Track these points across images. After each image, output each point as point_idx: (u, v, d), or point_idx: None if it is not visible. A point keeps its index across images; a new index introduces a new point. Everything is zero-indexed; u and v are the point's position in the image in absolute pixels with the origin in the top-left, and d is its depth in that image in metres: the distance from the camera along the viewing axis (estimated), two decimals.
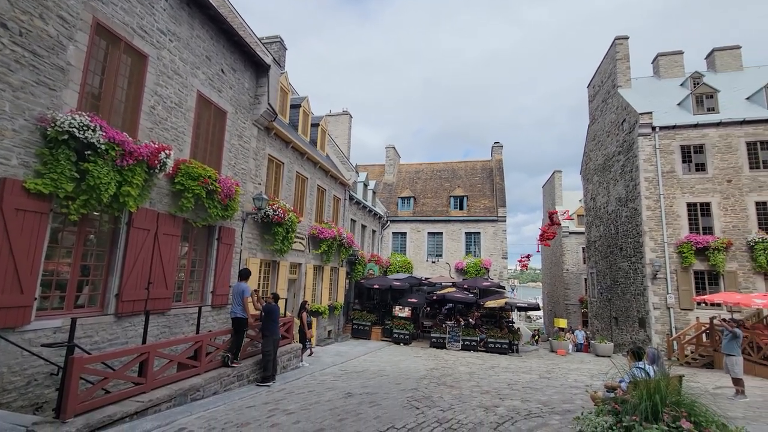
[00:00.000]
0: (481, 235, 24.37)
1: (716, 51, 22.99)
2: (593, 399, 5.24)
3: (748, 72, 21.56)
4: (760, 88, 18.29)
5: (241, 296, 7.52)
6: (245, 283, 7.82)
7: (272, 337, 7.90)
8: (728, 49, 22.77)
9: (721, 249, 16.46)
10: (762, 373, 11.53)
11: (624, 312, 20.42)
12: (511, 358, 14.79)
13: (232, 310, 7.66)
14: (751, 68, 21.97)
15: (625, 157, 20.34)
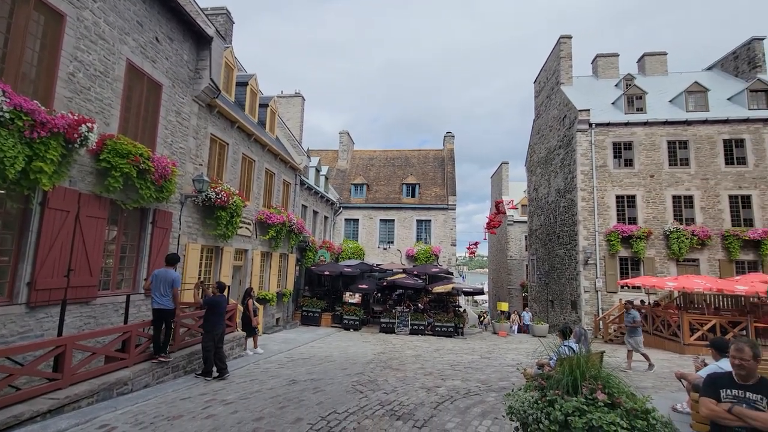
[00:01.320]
0: (431, 222, 24.93)
1: (646, 56, 24.96)
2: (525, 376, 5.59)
3: (672, 77, 23.67)
4: (681, 93, 20.17)
5: (171, 286, 6.64)
6: (174, 270, 6.87)
7: (213, 332, 7.10)
8: (656, 55, 24.80)
9: (642, 237, 18.19)
10: (671, 348, 12.99)
11: (559, 295, 22.01)
12: (456, 341, 15.41)
13: (154, 300, 6.65)
14: (675, 74, 24.13)
15: (564, 151, 21.65)
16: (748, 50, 22.05)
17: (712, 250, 17.97)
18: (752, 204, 18.07)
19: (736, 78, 22.28)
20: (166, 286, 6.66)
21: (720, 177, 18.47)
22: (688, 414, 4.52)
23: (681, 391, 5.85)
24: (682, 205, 18.61)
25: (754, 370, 2.84)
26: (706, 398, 2.87)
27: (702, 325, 12.64)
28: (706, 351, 11.21)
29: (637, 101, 20.23)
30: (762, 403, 2.66)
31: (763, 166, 18.25)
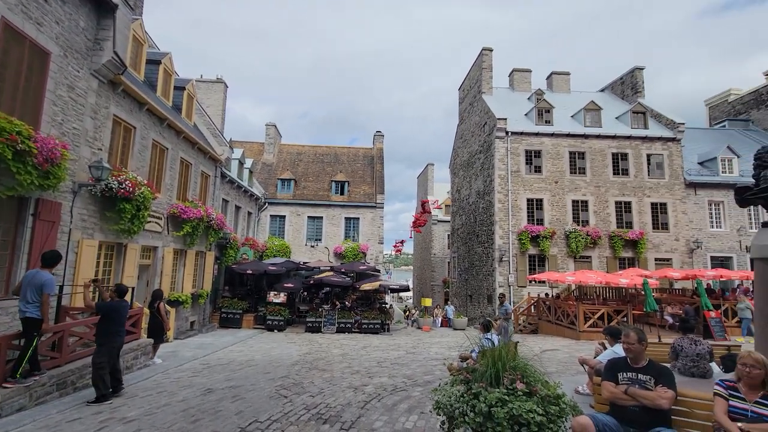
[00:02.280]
0: (360, 220, 24.97)
1: (554, 74, 27.82)
2: (450, 370, 5.81)
3: (574, 95, 26.70)
4: (580, 110, 22.84)
5: (40, 291, 5.44)
6: (48, 272, 5.72)
7: (109, 345, 5.98)
8: (562, 74, 27.78)
9: (547, 237, 20.25)
10: (569, 335, 14.62)
11: (477, 290, 23.57)
12: (382, 337, 15.62)
13: (19, 309, 5.50)
14: (576, 92, 27.26)
15: (484, 156, 23.20)
16: (632, 77, 25.78)
17: (602, 248, 20.68)
18: (632, 209, 21.16)
19: (623, 100, 25.89)
20: (34, 292, 5.44)
21: (609, 185, 21.31)
22: (588, 395, 5.09)
23: (581, 374, 6.58)
24: (580, 209, 21.11)
25: (641, 353, 3.25)
26: (606, 382, 3.22)
27: (593, 314, 14.43)
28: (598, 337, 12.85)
29: (546, 114, 22.44)
30: (650, 382, 3.06)
31: (640, 177, 21.46)
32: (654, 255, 20.68)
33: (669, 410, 2.94)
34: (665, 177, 21.47)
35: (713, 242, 21.43)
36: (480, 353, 4.13)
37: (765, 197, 4.04)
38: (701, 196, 21.76)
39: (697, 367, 5.42)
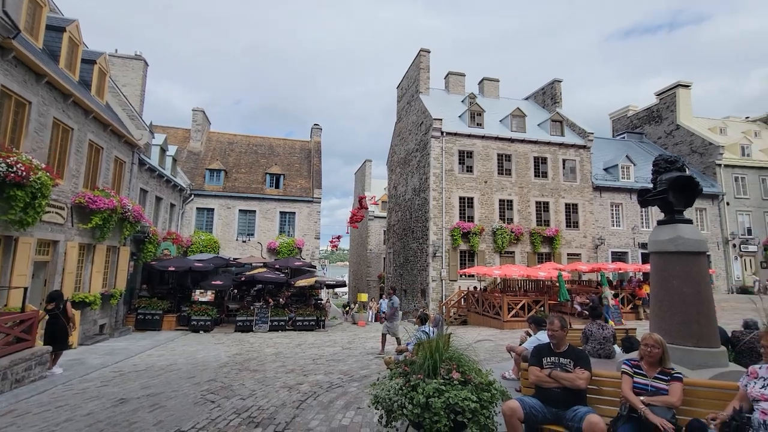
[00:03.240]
0: (296, 215, 24.26)
1: (485, 80, 29.46)
2: (387, 363, 5.87)
3: (503, 101, 28.54)
4: (507, 115, 24.48)
5: None
6: None
7: None
8: (492, 80, 29.52)
9: (477, 233, 21.45)
10: (495, 325, 15.65)
11: (411, 285, 24.23)
12: (318, 334, 15.37)
13: None
14: (504, 98, 29.16)
15: (420, 154, 23.85)
16: (552, 89, 28.25)
17: (524, 244, 22.44)
18: (549, 209, 23.23)
19: (543, 109, 28.26)
20: None
21: (531, 186, 23.16)
22: (514, 380, 5.47)
23: (506, 361, 7.07)
24: (506, 207, 22.66)
25: (563, 338, 3.56)
26: (533, 366, 3.47)
27: (516, 305, 15.61)
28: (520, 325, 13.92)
29: (478, 117, 23.69)
30: (570, 365, 3.36)
31: (557, 180, 23.64)
32: (567, 250, 22.95)
33: (585, 389, 3.26)
34: (577, 180, 23.89)
35: (613, 239, 24.37)
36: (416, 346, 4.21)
37: (661, 198, 4.65)
38: (605, 198, 24.61)
39: (604, 349, 6.11)
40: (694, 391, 3.17)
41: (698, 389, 3.21)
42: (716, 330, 4.60)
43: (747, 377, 2.90)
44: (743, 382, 2.91)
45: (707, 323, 4.48)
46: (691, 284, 4.49)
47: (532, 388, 3.47)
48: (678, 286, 4.52)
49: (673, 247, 4.58)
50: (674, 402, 2.95)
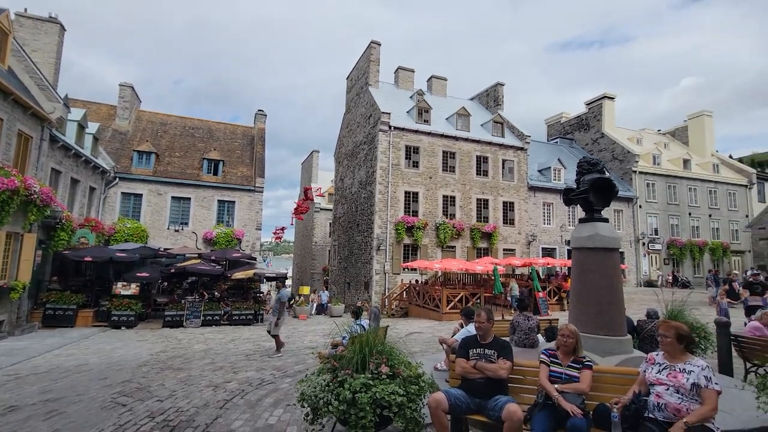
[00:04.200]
0: (236, 204, 23.06)
1: (433, 78, 30.02)
2: (320, 357, 5.73)
3: (449, 99, 29.29)
4: (453, 114, 25.17)
5: None
6: None
7: None
8: (440, 79, 30.15)
9: (421, 228, 21.90)
10: (434, 317, 16.11)
11: (355, 278, 24.20)
12: (254, 329, 14.78)
13: None
14: (451, 97, 29.95)
15: (368, 147, 23.77)
16: (495, 91, 29.51)
17: (464, 239, 23.33)
18: (489, 206, 24.35)
19: (487, 110, 29.46)
20: None
21: (472, 184, 24.08)
22: (446, 371, 5.60)
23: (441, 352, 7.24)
24: (449, 203, 23.36)
25: (489, 330, 3.66)
26: (460, 358, 3.53)
27: (454, 297, 16.18)
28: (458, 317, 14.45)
29: (425, 114, 24.08)
30: (494, 356, 3.46)
31: (496, 179, 24.82)
32: (503, 246, 24.24)
33: (507, 379, 3.38)
34: (514, 180, 25.27)
35: (544, 236, 26.19)
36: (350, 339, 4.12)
37: (582, 198, 4.98)
38: (538, 198, 26.32)
39: (528, 338, 6.48)
40: (602, 378, 3.42)
41: (605, 375, 3.47)
42: (624, 320, 5.04)
43: (646, 363, 3.18)
44: (642, 367, 3.18)
45: (617, 314, 4.89)
46: (605, 278, 4.86)
47: (459, 379, 3.54)
48: (594, 279, 4.87)
49: (591, 243, 4.93)
50: (584, 389, 3.15)
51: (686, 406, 2.77)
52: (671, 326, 3.10)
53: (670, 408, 2.82)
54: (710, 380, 2.79)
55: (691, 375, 2.85)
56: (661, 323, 3.41)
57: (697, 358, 3.03)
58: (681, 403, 2.80)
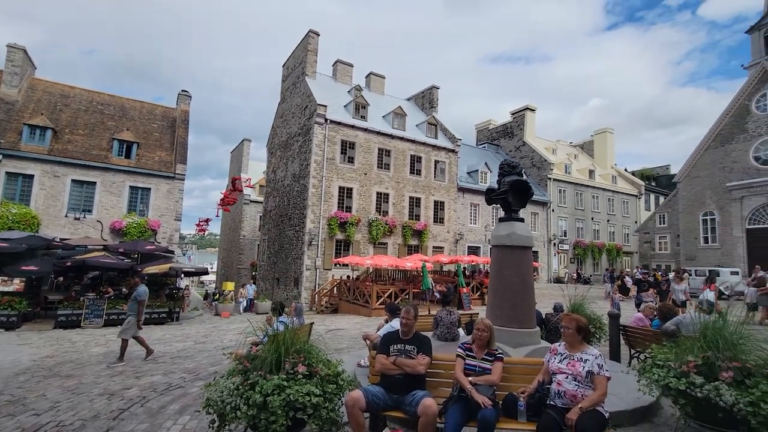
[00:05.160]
0: (152, 191, 20.93)
1: (372, 75, 30.06)
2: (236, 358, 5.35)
3: (387, 98, 29.55)
4: (390, 112, 25.45)
5: None
6: None
7: None
8: (378, 77, 30.29)
9: (354, 224, 21.84)
10: (364, 313, 16.14)
11: (285, 273, 23.40)
12: (168, 328, 13.56)
13: None
14: (388, 96, 30.24)
15: (303, 139, 23.07)
16: (430, 93, 30.42)
17: (396, 236, 23.75)
18: (421, 204, 25.07)
19: (422, 111, 30.25)
20: None
21: (406, 182, 24.59)
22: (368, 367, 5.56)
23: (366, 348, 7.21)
24: (382, 200, 23.59)
25: (413, 326, 3.68)
26: (380, 355, 3.49)
27: (384, 293, 16.37)
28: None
29: (362, 110, 24.01)
30: (414, 352, 3.47)
31: (429, 178, 25.62)
32: (433, 243, 25.13)
33: (425, 374, 3.41)
34: (445, 181, 26.31)
35: (470, 235, 27.68)
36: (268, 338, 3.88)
37: (502, 198, 5.25)
38: (466, 198, 27.73)
39: (450, 332, 6.72)
40: (512, 368, 3.61)
41: (515, 366, 3.67)
42: (534, 313, 5.44)
43: (549, 354, 3.41)
44: (546, 357, 3.41)
45: (529, 308, 5.25)
46: (519, 274, 5.18)
47: (379, 376, 3.50)
48: (509, 275, 5.17)
49: (509, 241, 5.23)
50: (495, 380, 3.29)
51: (582, 393, 3.02)
52: (572, 319, 3.37)
53: (568, 395, 3.05)
54: (602, 368, 3.07)
55: (587, 363, 3.11)
56: (563, 316, 3.69)
57: (592, 347, 3.33)
58: (577, 389, 3.04)
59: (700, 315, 4.28)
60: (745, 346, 3.36)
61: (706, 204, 25.30)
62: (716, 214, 24.76)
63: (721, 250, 24.17)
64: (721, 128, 24.97)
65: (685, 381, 3.30)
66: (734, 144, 24.19)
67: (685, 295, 11.89)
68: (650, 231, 35.73)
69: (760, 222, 22.99)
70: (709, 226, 25.24)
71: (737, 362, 3.20)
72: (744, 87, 24.12)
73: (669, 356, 3.64)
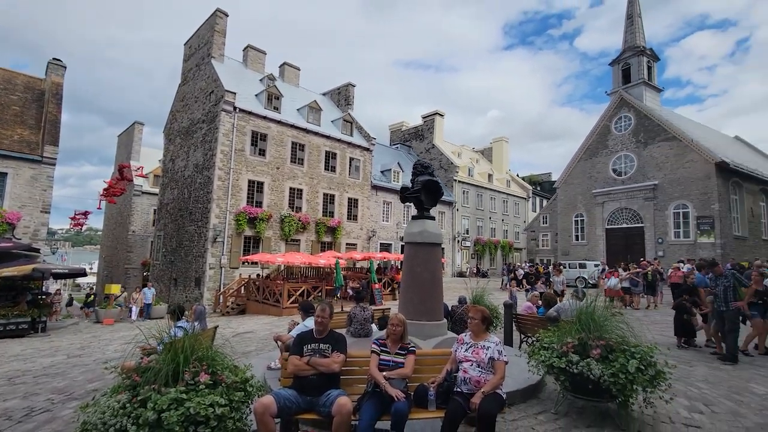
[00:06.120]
0: (8, 177, 17.22)
1: (286, 65, 28.94)
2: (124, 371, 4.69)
3: (302, 90, 28.73)
4: (305, 105, 24.79)
5: None
6: None
7: None
8: (293, 68, 29.28)
9: (265, 220, 20.80)
10: (274, 312, 15.47)
11: (184, 273, 21.28)
12: (32, 341, 11.35)
13: None
14: (303, 89, 29.43)
15: (208, 127, 21.19)
16: (346, 90, 30.40)
17: (309, 233, 23.27)
18: (335, 201, 24.93)
19: (338, 108, 30.09)
20: None
21: (320, 178, 24.23)
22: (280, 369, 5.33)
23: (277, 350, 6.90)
24: (296, 196, 22.90)
25: (328, 325, 3.60)
26: (293, 356, 3.36)
27: (296, 291, 15.91)
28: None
29: (275, 101, 22.97)
30: (329, 350, 3.41)
31: (343, 175, 25.61)
32: (346, 240, 25.20)
33: (340, 373, 3.38)
34: (359, 178, 26.57)
35: (383, 232, 28.43)
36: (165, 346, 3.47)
37: (416, 197, 5.47)
38: (380, 196, 28.39)
39: (364, 328, 6.80)
40: (423, 360, 3.78)
41: (425, 358, 3.85)
42: (442, 306, 5.78)
43: (457, 343, 3.65)
44: (454, 347, 3.64)
45: (437, 301, 5.56)
46: (429, 270, 5.45)
47: (291, 378, 3.36)
48: (421, 271, 5.41)
49: (420, 238, 5.46)
50: (407, 373, 3.41)
51: (484, 378, 3.29)
52: (478, 309, 3.65)
53: (473, 381, 3.30)
54: (501, 353, 3.38)
55: (489, 350, 3.39)
56: (470, 307, 3.98)
57: (493, 335, 3.64)
58: (481, 375, 3.31)
59: (576, 302, 4.99)
60: (609, 327, 4.01)
61: (578, 207, 29.72)
62: (585, 215, 29.24)
63: (588, 246, 28.64)
64: (590, 144, 29.54)
65: (565, 360, 3.81)
66: (599, 158, 28.81)
67: (563, 285, 13.82)
68: (535, 230, 40.81)
69: (615, 223, 27.80)
70: (579, 225, 29.69)
71: (603, 341, 3.80)
72: (606, 110, 28.86)
73: (553, 339, 4.17)
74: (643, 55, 28.10)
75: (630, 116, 27.22)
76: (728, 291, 6.52)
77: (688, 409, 4.35)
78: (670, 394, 3.83)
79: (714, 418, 4.10)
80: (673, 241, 24.45)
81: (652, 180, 25.45)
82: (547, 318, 6.04)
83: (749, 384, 5.32)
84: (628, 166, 27.03)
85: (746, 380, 5.50)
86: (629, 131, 27.17)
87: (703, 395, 4.83)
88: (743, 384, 5.32)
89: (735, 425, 3.95)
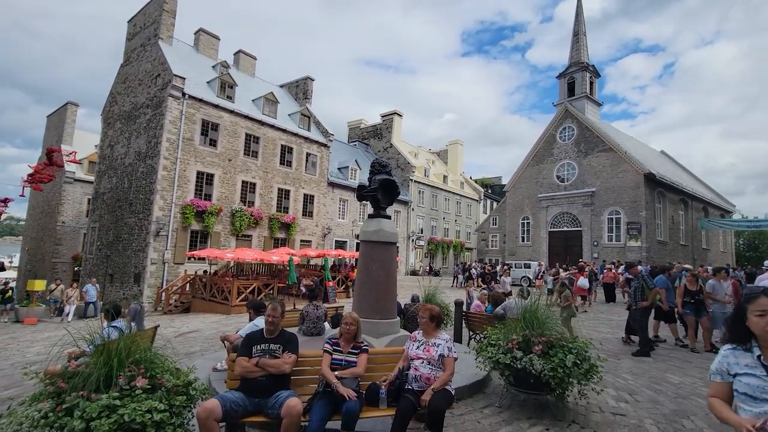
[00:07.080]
0: None
1: (241, 53, 27.77)
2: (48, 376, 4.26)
3: (257, 81, 27.72)
4: (261, 97, 23.96)
5: None
6: None
7: None
8: (249, 57, 28.16)
9: (214, 213, 19.85)
10: (222, 311, 14.81)
11: (122, 268, 19.77)
12: None
13: None
14: (259, 79, 28.40)
15: (153, 112, 19.81)
16: (305, 84, 29.78)
17: (262, 228, 22.55)
18: (290, 197, 24.36)
19: (295, 101, 29.40)
20: None
21: (275, 172, 23.55)
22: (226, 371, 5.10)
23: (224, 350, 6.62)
24: (248, 190, 22.07)
25: (279, 324, 3.50)
26: (240, 357, 3.23)
27: (246, 289, 15.34)
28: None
29: (229, 90, 21.98)
30: (279, 351, 3.32)
31: (299, 170, 25.08)
32: (301, 237, 24.72)
33: (290, 373, 3.30)
34: (316, 174, 26.17)
35: (338, 229, 28.22)
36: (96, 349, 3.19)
37: (372, 195, 5.48)
38: (336, 193, 28.15)
39: (316, 327, 6.72)
40: (376, 358, 3.80)
41: (378, 356, 3.87)
42: (395, 304, 5.84)
43: (409, 341, 3.70)
44: (407, 345, 3.69)
45: (391, 300, 5.61)
46: (384, 268, 5.49)
47: (238, 380, 3.23)
48: (376, 269, 5.43)
49: (376, 237, 5.48)
50: (360, 372, 3.40)
51: (434, 375, 3.36)
52: (427, 308, 3.73)
53: (423, 378, 3.37)
54: (451, 350, 3.48)
55: (439, 347, 3.48)
56: (420, 306, 4.06)
57: (443, 332, 3.74)
58: (431, 372, 3.38)
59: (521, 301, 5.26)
60: (550, 324, 4.27)
61: (524, 210, 31.38)
62: (530, 218, 30.95)
63: (532, 247, 30.35)
64: (537, 151, 31.29)
65: (510, 356, 4.01)
66: (545, 164, 30.60)
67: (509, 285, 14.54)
68: (486, 231, 42.56)
69: (557, 226, 29.70)
70: (525, 228, 31.37)
71: (544, 337, 4.04)
72: (553, 120, 30.71)
73: (499, 336, 4.37)
74: (587, 71, 30.23)
75: (573, 127, 29.16)
76: (637, 291, 7.15)
77: (616, 398, 4.76)
78: (600, 386, 4.16)
79: (637, 407, 4.52)
80: (607, 244, 26.57)
81: (590, 187, 27.47)
82: (495, 316, 6.31)
83: (666, 374, 5.92)
84: (570, 173, 28.96)
85: (663, 371, 6.10)
86: (572, 141, 29.10)
87: (628, 386, 5.29)
88: (661, 374, 5.91)
89: (654, 412, 4.37)
